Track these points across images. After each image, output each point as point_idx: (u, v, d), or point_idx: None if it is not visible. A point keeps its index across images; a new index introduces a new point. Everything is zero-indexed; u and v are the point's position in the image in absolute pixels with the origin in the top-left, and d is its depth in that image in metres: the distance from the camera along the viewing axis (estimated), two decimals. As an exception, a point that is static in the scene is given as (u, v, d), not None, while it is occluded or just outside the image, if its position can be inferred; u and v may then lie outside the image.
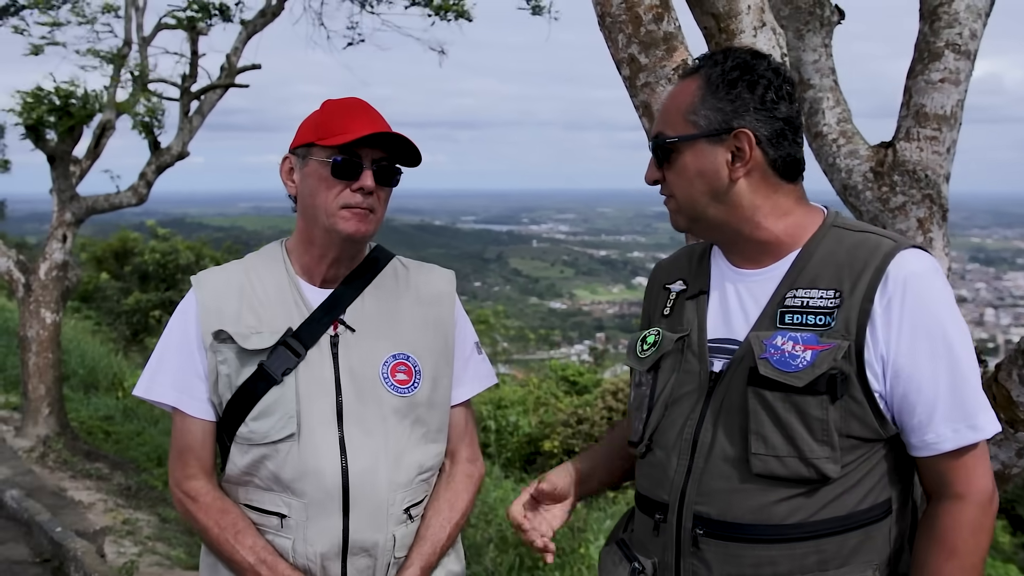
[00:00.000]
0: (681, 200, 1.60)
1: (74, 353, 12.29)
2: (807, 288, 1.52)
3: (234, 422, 1.79)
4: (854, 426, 1.47)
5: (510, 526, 6.97)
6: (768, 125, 1.53)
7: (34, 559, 5.38)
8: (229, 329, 1.78)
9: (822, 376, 1.44)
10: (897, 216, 2.76)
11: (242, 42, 8.96)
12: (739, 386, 1.53)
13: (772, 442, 1.48)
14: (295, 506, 1.76)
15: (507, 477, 10.24)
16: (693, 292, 1.68)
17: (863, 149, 2.86)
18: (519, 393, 15.11)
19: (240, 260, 1.92)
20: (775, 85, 1.55)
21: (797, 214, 1.59)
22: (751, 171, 1.54)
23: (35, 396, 8.38)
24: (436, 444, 1.90)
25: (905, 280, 1.46)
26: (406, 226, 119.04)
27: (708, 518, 1.53)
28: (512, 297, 76.15)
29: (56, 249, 8.50)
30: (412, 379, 1.84)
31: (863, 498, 1.50)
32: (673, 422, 1.60)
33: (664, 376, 1.63)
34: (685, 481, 1.56)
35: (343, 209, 1.77)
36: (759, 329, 1.54)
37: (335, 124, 1.77)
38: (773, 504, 1.49)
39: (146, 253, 19.87)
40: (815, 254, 1.55)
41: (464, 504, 1.93)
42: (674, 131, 1.58)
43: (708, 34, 2.46)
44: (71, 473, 7.45)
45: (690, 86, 1.58)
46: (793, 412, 1.47)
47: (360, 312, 1.85)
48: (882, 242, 1.51)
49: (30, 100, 8.17)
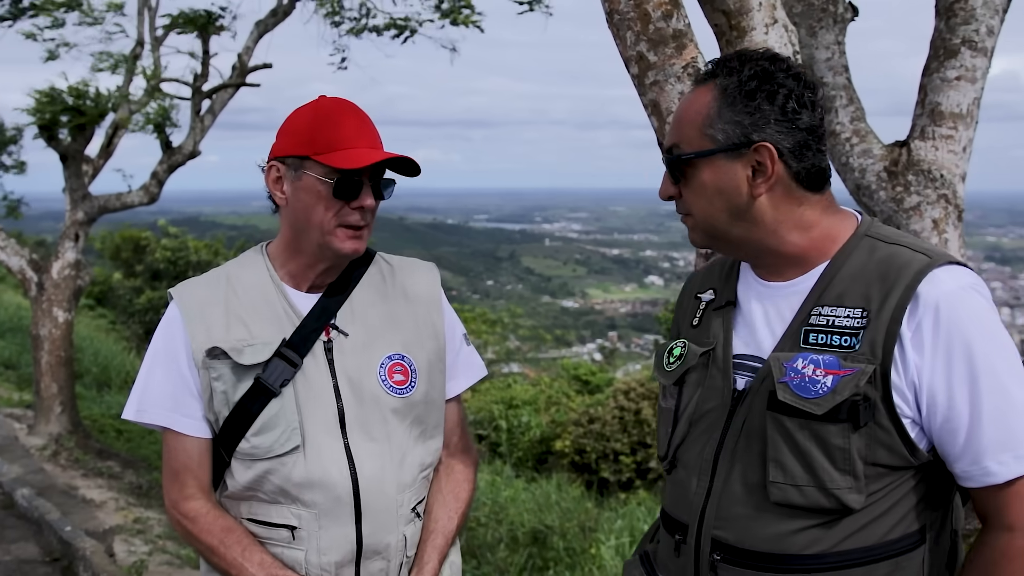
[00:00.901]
0: (699, 218, 1.51)
1: (87, 351, 12.38)
2: (833, 305, 1.43)
3: (233, 438, 1.75)
4: (881, 454, 1.39)
5: (521, 525, 6.97)
6: (790, 137, 1.44)
7: (44, 558, 5.40)
8: (223, 345, 1.73)
9: (844, 403, 1.36)
10: (912, 216, 2.71)
11: (254, 41, 8.96)
12: (760, 408, 1.45)
13: (791, 470, 1.40)
14: (306, 517, 1.74)
15: (518, 476, 10.22)
16: (720, 303, 1.60)
17: (877, 148, 2.81)
18: (530, 392, 15.07)
19: (220, 268, 1.87)
20: (796, 93, 1.45)
21: (824, 225, 1.49)
22: (773, 186, 1.45)
23: (47, 394, 8.42)
24: (434, 440, 1.88)
25: (937, 301, 1.36)
26: (419, 225, 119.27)
27: (726, 544, 1.47)
28: (524, 296, 76.06)
29: (68, 248, 8.53)
30: (409, 379, 1.81)
31: (892, 527, 1.41)
32: (696, 440, 1.55)
33: (689, 391, 1.57)
34: (704, 503, 1.50)
35: (339, 228, 1.73)
36: (782, 348, 1.46)
37: (332, 138, 1.71)
38: (792, 534, 1.42)
39: (158, 251, 19.96)
40: (843, 267, 1.46)
41: (467, 493, 1.94)
42: (690, 146, 1.48)
43: (718, 31, 2.42)
44: (83, 471, 7.47)
45: (704, 96, 1.48)
46: (812, 440, 1.39)
47: (351, 315, 1.81)
48: (915, 257, 1.41)
49: (43, 100, 8.20)
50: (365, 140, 1.73)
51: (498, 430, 13.26)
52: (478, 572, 6.41)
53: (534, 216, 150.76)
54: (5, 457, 7.52)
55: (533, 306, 66.60)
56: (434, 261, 2.08)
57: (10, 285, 18.45)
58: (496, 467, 10.47)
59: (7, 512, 6.27)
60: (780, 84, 1.44)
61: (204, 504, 1.78)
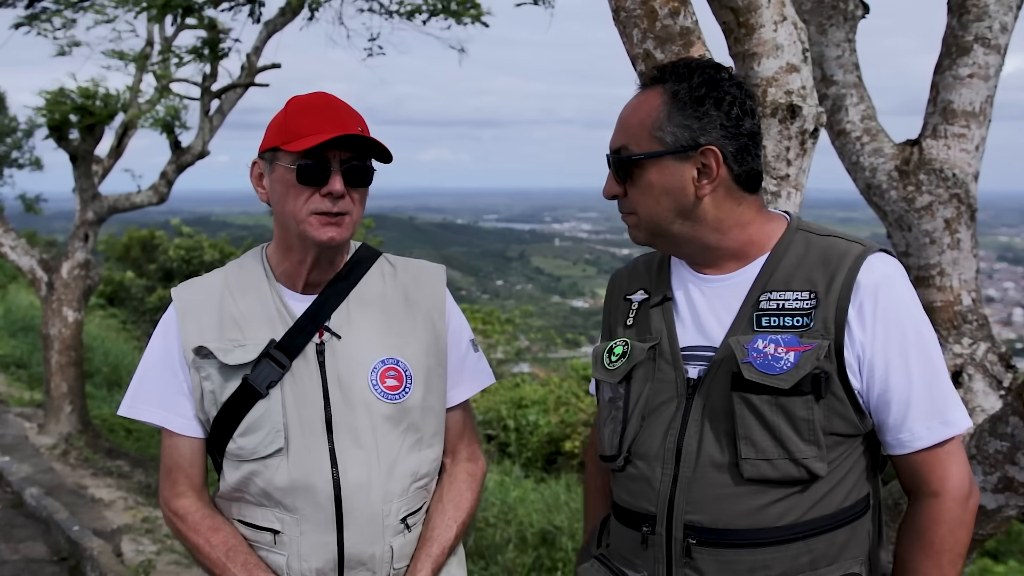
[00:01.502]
0: (644, 216, 1.59)
1: (98, 351, 12.43)
2: (781, 291, 1.53)
3: (222, 438, 1.74)
4: (837, 423, 1.49)
5: (530, 526, 6.96)
6: (734, 141, 1.54)
7: (52, 558, 5.40)
8: (210, 345, 1.72)
9: (807, 376, 1.46)
10: (923, 216, 2.68)
11: (262, 41, 8.96)
12: (721, 391, 1.52)
13: (761, 446, 1.48)
14: (288, 521, 1.71)
15: (527, 477, 10.19)
16: (657, 300, 1.66)
17: (888, 147, 2.78)
18: (540, 392, 15.03)
19: (221, 269, 1.85)
20: (739, 100, 1.55)
21: (760, 221, 1.60)
22: (717, 187, 1.54)
23: (57, 394, 8.45)
24: (431, 449, 1.83)
25: (876, 284, 1.49)
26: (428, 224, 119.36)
27: (700, 527, 1.51)
28: (534, 296, 76.05)
29: (78, 248, 8.56)
30: (403, 384, 1.76)
31: (847, 495, 1.52)
32: (653, 433, 1.58)
33: (638, 386, 1.61)
34: (672, 491, 1.54)
35: (313, 216, 1.68)
36: (736, 333, 1.53)
37: (299, 126, 1.68)
38: (766, 507, 1.49)
39: (171, 250, 20.03)
40: (784, 257, 1.56)
41: (468, 503, 1.87)
42: (639, 147, 1.56)
43: (726, 28, 2.39)
44: (92, 470, 7.49)
45: (653, 100, 1.56)
46: (780, 414, 1.47)
47: (346, 317, 1.77)
48: (851, 246, 1.53)
49: (53, 100, 8.23)
50: (333, 125, 1.68)
51: (507, 430, 13.24)
52: (486, 573, 6.39)
53: (544, 216, 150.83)
54: (15, 456, 7.55)
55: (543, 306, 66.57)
56: (444, 261, 2.04)
57: (23, 284, 18.55)
58: (505, 467, 10.45)
59: (16, 511, 6.29)
60: (726, 92, 1.54)
61: (194, 502, 1.77)
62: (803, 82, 2.34)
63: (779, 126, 2.32)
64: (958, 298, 2.71)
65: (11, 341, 14.07)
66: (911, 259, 2.74)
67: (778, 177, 2.33)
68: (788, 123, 2.32)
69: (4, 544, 5.62)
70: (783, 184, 2.33)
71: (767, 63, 2.32)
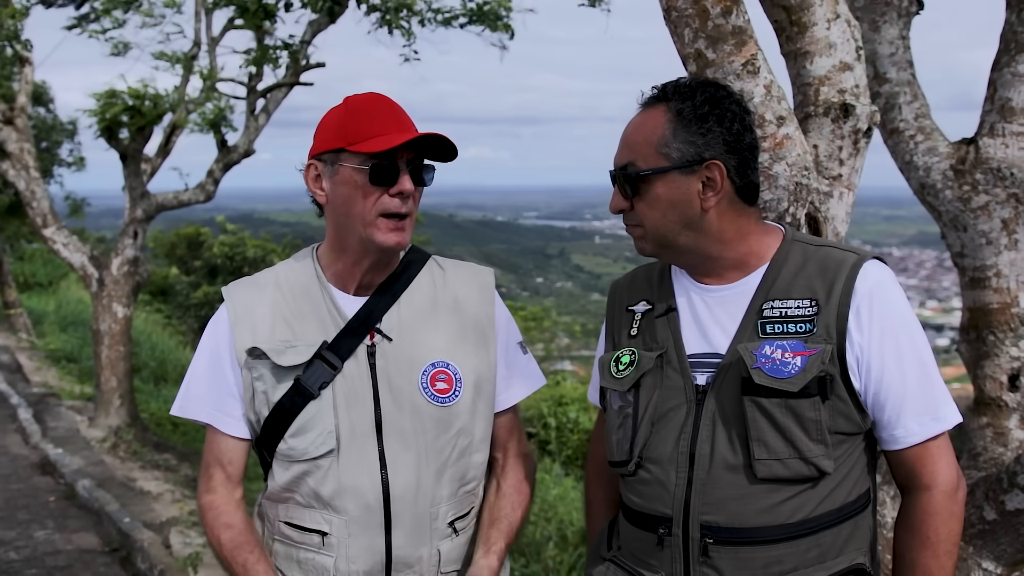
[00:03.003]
0: (650, 229, 1.66)
1: (145, 346, 12.66)
2: (782, 299, 1.61)
3: (273, 439, 1.75)
4: (840, 422, 1.57)
5: (570, 524, 6.94)
6: (736, 155, 1.62)
7: (103, 548, 5.53)
8: (263, 346, 1.73)
9: (813, 379, 1.54)
10: (979, 216, 2.62)
11: (307, 40, 9.05)
12: (731, 396, 1.60)
13: (773, 446, 1.56)
14: (336, 523, 1.72)
15: (567, 475, 10.18)
16: (661, 310, 1.73)
17: (943, 146, 2.72)
18: (579, 390, 15.00)
19: (271, 269, 1.86)
20: (739, 116, 1.63)
21: (758, 232, 1.68)
22: (720, 199, 1.62)
23: (107, 388, 8.63)
24: (480, 454, 1.83)
25: (871, 290, 1.58)
26: (468, 222, 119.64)
27: (716, 526, 1.58)
28: (574, 293, 75.87)
29: (128, 245, 8.72)
30: (453, 388, 1.76)
31: (850, 490, 1.61)
32: (664, 438, 1.64)
33: (646, 394, 1.67)
34: (687, 493, 1.60)
35: (381, 218, 1.70)
36: (742, 340, 1.61)
37: (364, 127, 1.69)
38: (778, 505, 1.56)
39: (215, 247, 20.33)
40: (784, 267, 1.64)
41: (528, 490, 1.89)
42: (646, 163, 1.63)
43: (778, 27, 2.36)
44: (140, 463, 7.64)
45: (658, 118, 1.63)
46: (790, 416, 1.55)
47: (397, 320, 1.78)
48: (847, 255, 1.62)
49: (104, 101, 8.39)
50: (397, 125, 1.70)
51: (547, 428, 13.23)
52: (527, 571, 6.39)
53: (584, 213, 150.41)
54: (67, 449, 7.73)
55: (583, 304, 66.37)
56: (484, 258, 2.05)
57: (74, 280, 18.97)
58: (545, 465, 10.44)
59: (69, 502, 6.45)
60: (727, 108, 1.63)
61: (220, 498, 1.79)
62: (856, 80, 2.30)
63: (831, 125, 2.29)
64: (1015, 300, 2.65)
65: (62, 336, 14.41)
66: (966, 260, 2.68)
67: (830, 177, 2.29)
68: (841, 122, 2.28)
69: (59, 534, 5.76)
70: (835, 184, 2.30)
71: (820, 61, 2.29)
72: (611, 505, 1.90)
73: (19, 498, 6.54)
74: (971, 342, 2.75)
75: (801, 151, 2.18)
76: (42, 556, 5.36)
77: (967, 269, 2.70)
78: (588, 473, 2.01)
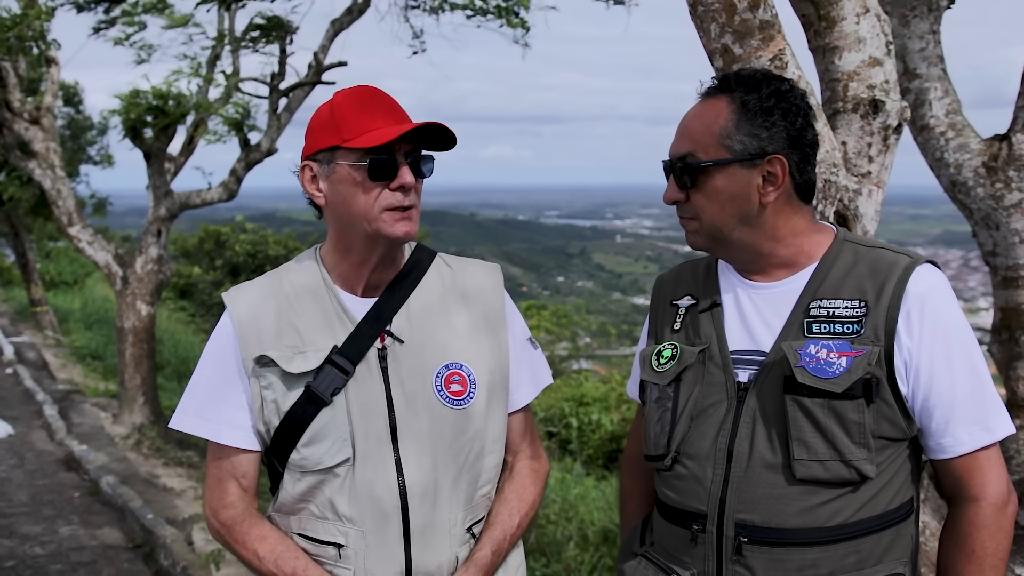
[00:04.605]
0: (706, 222, 1.63)
1: (168, 343, 12.77)
2: (830, 299, 1.58)
3: (285, 448, 1.68)
4: (885, 427, 1.53)
5: (591, 523, 6.92)
6: (798, 151, 1.59)
7: (127, 544, 5.56)
8: (271, 354, 1.66)
9: (858, 381, 1.50)
10: (1012, 214, 2.57)
11: (329, 40, 9.06)
12: (773, 394, 1.57)
13: (813, 447, 1.52)
14: (352, 535, 1.65)
15: (588, 475, 10.14)
16: (705, 306, 1.71)
17: (974, 143, 2.67)
18: (601, 390, 14.94)
19: (274, 272, 1.79)
20: (803, 111, 1.60)
21: (810, 231, 1.65)
22: (779, 195, 1.59)
23: (131, 385, 8.69)
24: (493, 455, 1.77)
25: (923, 293, 1.54)
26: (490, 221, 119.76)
27: (751, 525, 1.55)
28: (595, 292, 75.70)
29: (151, 244, 8.78)
30: (467, 389, 1.70)
31: (893, 497, 1.57)
32: (703, 433, 1.62)
33: (687, 388, 1.65)
34: (723, 490, 1.58)
35: (386, 213, 1.63)
36: (786, 339, 1.58)
37: (358, 122, 1.61)
38: (816, 507, 1.53)
39: (237, 246, 20.45)
40: (834, 267, 1.61)
41: (532, 496, 1.81)
42: (706, 154, 1.59)
43: (806, 22, 2.33)
44: (164, 460, 7.69)
45: (720, 109, 1.60)
46: (832, 417, 1.51)
47: (407, 321, 1.71)
48: (899, 258, 1.58)
49: (129, 101, 8.45)
50: (392, 118, 1.63)
51: (568, 427, 13.19)
52: (547, 570, 6.37)
53: (605, 212, 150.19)
54: (92, 445, 7.79)
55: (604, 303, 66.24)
56: (504, 257, 2.00)
57: (100, 278, 19.16)
58: (566, 464, 10.42)
59: (94, 498, 6.50)
60: (793, 103, 1.59)
61: (240, 513, 1.71)
62: (886, 76, 2.26)
63: (860, 122, 2.25)
64: (1048, 300, 2.59)
65: (87, 333, 14.55)
66: (999, 259, 2.63)
67: (859, 174, 2.26)
68: (870, 119, 2.24)
69: (83, 530, 5.80)
70: (864, 181, 2.26)
71: (849, 57, 2.26)
72: (646, 501, 1.88)
73: (44, 493, 6.60)
74: (1003, 343, 2.70)
75: (830, 148, 2.15)
76: (66, 551, 5.40)
77: (999, 268, 2.65)
78: (624, 468, 2.00)
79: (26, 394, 10.17)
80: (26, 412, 9.32)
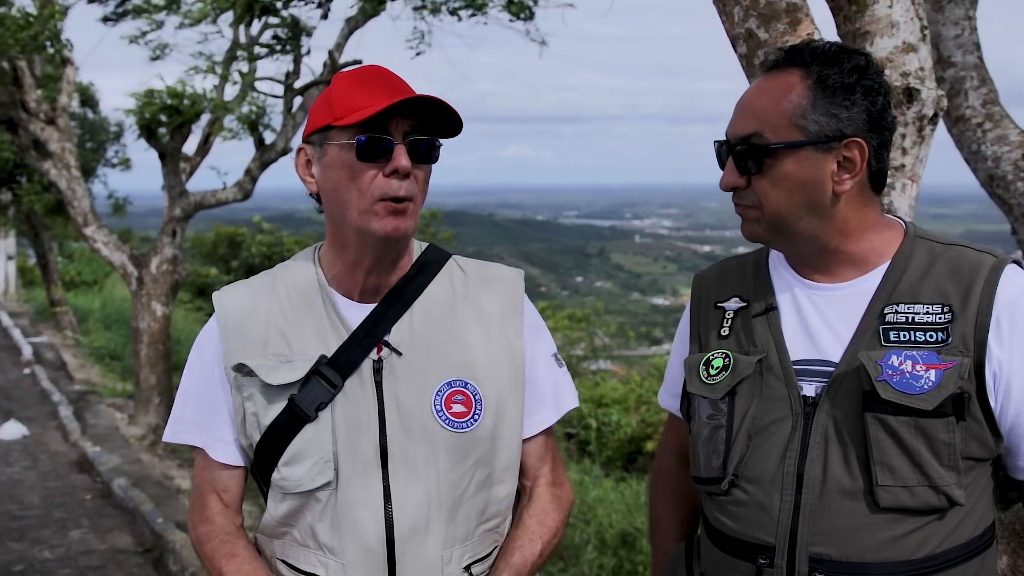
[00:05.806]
0: (769, 210, 1.45)
1: (185, 343, 12.74)
2: (909, 303, 1.41)
3: (267, 466, 1.52)
4: (973, 447, 1.38)
5: (609, 527, 6.78)
6: (878, 135, 1.42)
7: (136, 548, 5.50)
8: (251, 362, 1.50)
9: (949, 397, 1.34)
10: (1054, 210, 2.42)
11: (344, 38, 8.99)
12: (848, 411, 1.40)
13: (899, 471, 1.36)
14: (332, 567, 1.49)
15: (607, 476, 10.03)
16: (759, 309, 1.52)
17: (1014, 134, 2.53)
18: (620, 391, 14.82)
19: (269, 271, 1.63)
20: (885, 90, 1.43)
21: (880, 226, 1.49)
22: (855, 183, 1.42)
23: (146, 386, 8.66)
24: (503, 485, 1.57)
25: (1014, 298, 1.38)
26: (508, 221, 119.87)
27: (828, 559, 1.38)
28: (614, 292, 75.50)
29: (166, 244, 8.74)
30: (471, 411, 1.51)
31: (977, 523, 1.42)
32: (766, 454, 1.45)
33: (743, 403, 1.47)
34: (794, 520, 1.41)
35: (379, 203, 1.43)
36: (859, 348, 1.41)
37: (353, 99, 1.43)
38: (901, 538, 1.37)
39: (253, 247, 20.48)
40: (908, 267, 1.44)
41: (554, 523, 1.61)
42: (776, 135, 1.41)
43: (835, 6, 2.19)
44: (178, 461, 7.64)
45: (793, 84, 1.41)
46: (920, 437, 1.35)
47: (408, 331, 1.53)
48: (983, 257, 1.42)
49: (144, 101, 8.41)
50: (391, 92, 1.44)
51: (587, 429, 13.08)
52: (565, 575, 6.26)
53: (624, 212, 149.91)
54: (105, 447, 7.76)
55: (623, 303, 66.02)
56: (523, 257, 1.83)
57: (119, 278, 19.25)
58: (585, 466, 10.31)
59: (105, 501, 6.45)
60: (875, 80, 1.42)
61: (215, 529, 1.58)
62: (921, 63, 2.12)
63: (894, 112, 2.11)
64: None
65: (106, 333, 14.60)
66: (1039, 258, 2.49)
67: (892, 167, 2.12)
68: (904, 108, 2.11)
69: (93, 534, 5.75)
70: (898, 175, 2.12)
71: (881, 43, 2.12)
72: (680, 523, 1.74)
73: (56, 496, 6.56)
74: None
75: (862, 139, 2.02)
76: (76, 556, 5.35)
77: (1040, 267, 2.51)
78: (655, 486, 1.83)
79: (43, 395, 10.19)
80: (42, 413, 9.33)
